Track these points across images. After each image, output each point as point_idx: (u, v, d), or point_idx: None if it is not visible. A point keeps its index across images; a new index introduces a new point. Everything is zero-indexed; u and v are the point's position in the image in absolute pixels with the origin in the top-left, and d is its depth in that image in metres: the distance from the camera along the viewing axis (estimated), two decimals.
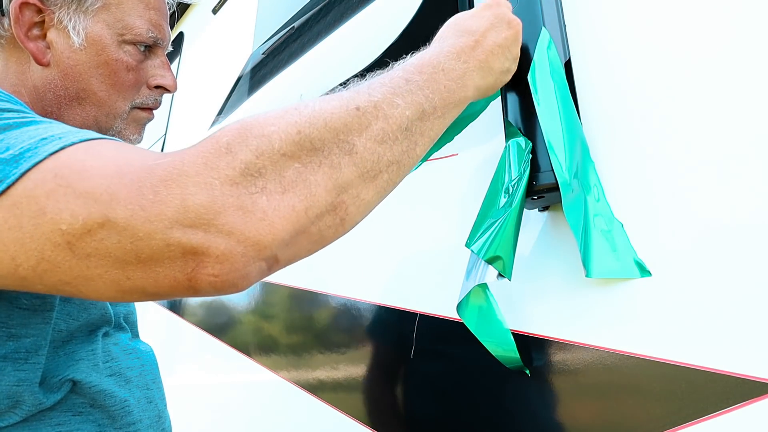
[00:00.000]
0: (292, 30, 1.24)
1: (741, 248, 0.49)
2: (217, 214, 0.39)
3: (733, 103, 0.52)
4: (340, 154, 0.44)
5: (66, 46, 0.65)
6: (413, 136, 0.49)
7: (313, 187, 0.43)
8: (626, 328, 0.56)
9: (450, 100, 0.53)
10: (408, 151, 0.49)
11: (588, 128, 0.64)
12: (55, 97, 0.66)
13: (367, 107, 0.47)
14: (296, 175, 0.42)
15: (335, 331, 1.01)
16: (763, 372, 0.46)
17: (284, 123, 0.43)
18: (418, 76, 0.52)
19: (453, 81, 0.54)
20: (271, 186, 0.41)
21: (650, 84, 0.59)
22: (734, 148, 0.52)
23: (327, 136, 0.44)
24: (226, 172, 0.40)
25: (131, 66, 0.69)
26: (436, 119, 0.52)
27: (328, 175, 0.43)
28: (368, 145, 0.46)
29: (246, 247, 0.40)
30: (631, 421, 0.54)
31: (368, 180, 0.46)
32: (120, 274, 0.40)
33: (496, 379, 0.68)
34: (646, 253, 0.56)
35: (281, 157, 0.42)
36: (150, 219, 0.39)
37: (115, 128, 0.71)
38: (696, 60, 0.56)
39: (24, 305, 0.55)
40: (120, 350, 0.67)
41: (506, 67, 0.61)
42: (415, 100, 0.50)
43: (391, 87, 0.50)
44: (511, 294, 0.68)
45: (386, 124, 0.47)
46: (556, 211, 0.65)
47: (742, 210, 0.50)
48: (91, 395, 0.60)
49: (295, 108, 0.45)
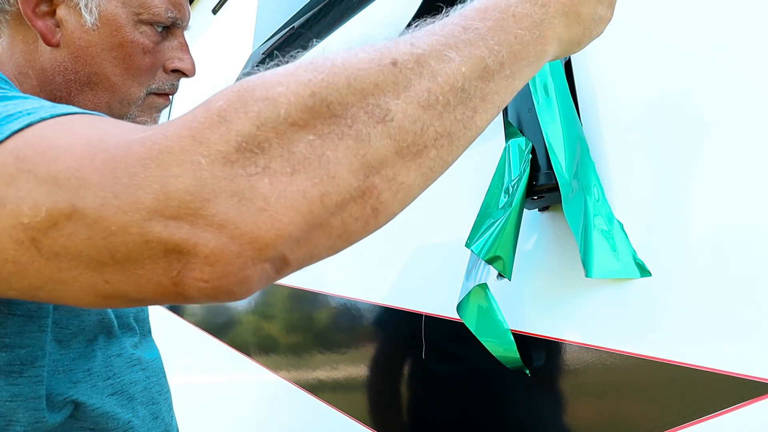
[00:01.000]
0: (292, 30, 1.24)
1: (741, 248, 0.49)
2: (205, 201, 0.31)
3: (733, 103, 0.52)
4: (370, 122, 0.35)
5: (77, 25, 0.60)
6: (471, 101, 0.38)
7: (332, 167, 0.33)
8: (626, 328, 0.56)
9: (522, 54, 0.41)
10: (464, 120, 0.38)
11: (588, 128, 0.64)
12: (65, 81, 0.61)
13: (407, 62, 0.37)
14: (309, 150, 0.33)
15: (335, 331, 1.01)
16: (763, 372, 0.46)
17: (295, 82, 0.34)
18: (480, 23, 0.40)
19: (527, 30, 0.42)
20: (276, 165, 0.33)
21: (650, 84, 0.59)
22: (734, 147, 0.52)
23: (351, 99, 0.35)
24: (218, 147, 0.32)
25: (148, 48, 0.64)
26: (503, 79, 0.40)
27: (354, 150, 0.34)
28: (408, 111, 0.36)
29: (242, 245, 0.32)
30: (631, 421, 0.54)
31: (409, 157, 0.36)
32: (97, 277, 0.34)
33: (495, 379, 0.68)
34: (646, 253, 0.56)
35: (290, 126, 0.33)
36: (124, 209, 0.32)
37: (129, 116, 0.66)
38: (696, 60, 0.56)
39: (18, 311, 0.49)
40: (123, 363, 0.62)
41: (599, 15, 0.48)
42: (475, 53, 0.39)
43: (443, 36, 0.39)
44: (511, 294, 0.68)
45: (433, 84, 0.37)
46: (556, 211, 0.65)
47: (742, 210, 0.50)
48: (92, 419, 0.55)
49: (311, 63, 0.35)
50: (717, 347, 0.49)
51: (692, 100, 0.55)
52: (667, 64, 0.58)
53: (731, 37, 0.54)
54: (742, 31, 0.53)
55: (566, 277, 0.62)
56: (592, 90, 0.65)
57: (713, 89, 0.54)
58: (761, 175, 0.49)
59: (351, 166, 0.34)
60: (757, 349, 0.47)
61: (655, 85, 0.59)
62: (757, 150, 0.50)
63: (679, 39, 0.58)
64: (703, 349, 0.50)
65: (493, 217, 0.62)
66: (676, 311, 0.52)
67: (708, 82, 0.55)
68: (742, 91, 0.52)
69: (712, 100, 0.54)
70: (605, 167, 0.61)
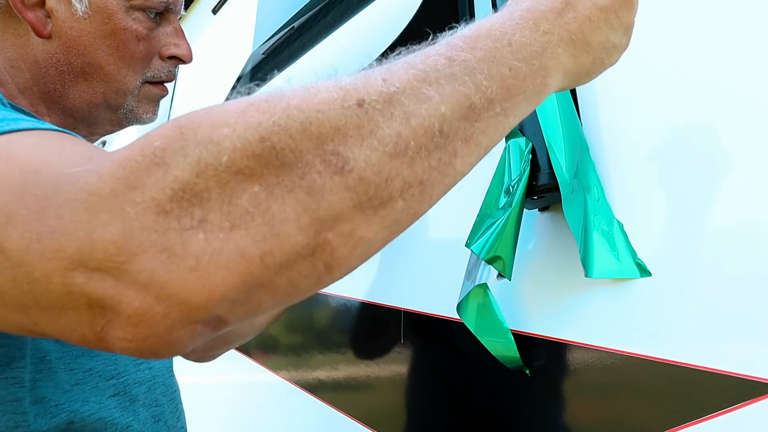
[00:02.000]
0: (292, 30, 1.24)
1: (741, 248, 0.49)
2: (132, 255, 0.28)
3: (734, 103, 0.52)
4: (326, 172, 0.30)
5: (68, 14, 0.59)
6: (451, 144, 0.34)
7: (277, 223, 0.29)
8: (626, 328, 0.56)
9: (518, 89, 0.36)
10: (440, 167, 0.34)
11: (588, 128, 0.64)
12: (59, 72, 0.60)
13: (375, 101, 0.32)
14: (253, 203, 0.29)
15: (335, 332, 1.01)
16: (763, 372, 0.46)
17: (243, 124, 0.30)
18: (468, 53, 0.35)
19: (524, 61, 0.37)
20: (214, 218, 0.29)
21: (650, 84, 0.59)
22: (734, 147, 0.52)
23: (305, 146, 0.30)
24: (152, 194, 0.29)
25: (142, 35, 0.62)
26: (491, 117, 0.35)
27: (304, 205, 0.30)
28: (372, 159, 0.31)
29: (168, 306, 0.29)
30: (631, 421, 0.54)
31: (370, 211, 0.32)
32: (25, 319, 0.31)
33: (495, 379, 0.68)
34: (646, 253, 0.56)
35: (233, 175, 0.29)
36: (47, 255, 0.29)
37: (126, 106, 0.65)
38: (696, 60, 0.56)
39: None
40: (129, 360, 0.60)
41: (612, 43, 0.43)
42: (459, 89, 0.34)
43: (423, 70, 0.34)
44: (511, 294, 0.68)
45: (405, 127, 0.32)
46: (556, 211, 0.65)
47: (742, 209, 0.50)
48: (89, 426, 0.53)
49: (265, 100, 0.31)
50: (717, 347, 0.49)
51: (692, 100, 0.55)
52: (667, 64, 0.58)
53: (732, 37, 0.54)
54: (743, 32, 0.53)
55: (566, 277, 0.62)
56: (592, 90, 0.65)
57: (713, 89, 0.54)
58: (761, 175, 0.49)
59: (299, 222, 0.30)
60: (757, 349, 0.47)
61: (656, 85, 0.59)
62: (757, 150, 0.50)
63: (680, 38, 0.58)
64: (703, 349, 0.50)
65: (493, 217, 0.62)
66: (676, 311, 0.52)
67: (708, 82, 0.55)
68: (743, 91, 0.52)
69: (713, 99, 0.54)
70: (605, 167, 0.61)
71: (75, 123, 0.65)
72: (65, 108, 0.64)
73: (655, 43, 0.60)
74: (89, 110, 0.64)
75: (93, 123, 0.67)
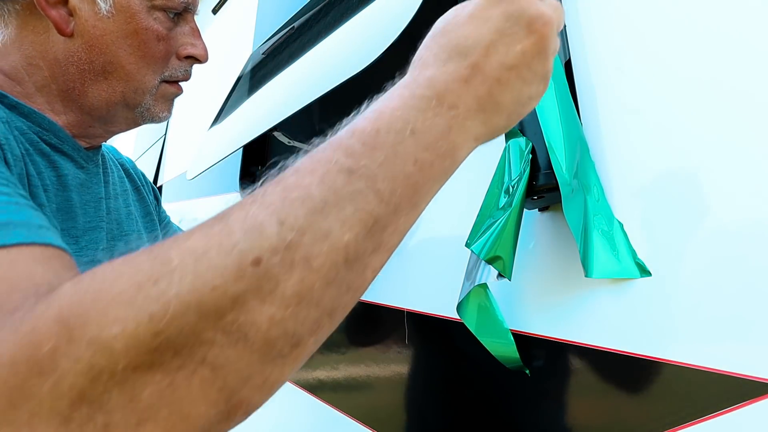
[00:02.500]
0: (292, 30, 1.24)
1: (741, 248, 0.49)
2: None
3: (734, 103, 0.52)
4: (228, 343, 0.29)
5: (91, 13, 0.59)
6: (360, 262, 0.33)
7: (185, 406, 0.28)
8: (626, 328, 0.56)
9: (425, 179, 0.35)
10: (351, 287, 0.33)
11: (588, 128, 0.64)
12: (79, 71, 0.61)
13: (272, 257, 0.30)
14: (157, 395, 0.28)
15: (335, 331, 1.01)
16: (763, 372, 0.46)
17: (134, 320, 0.28)
18: (368, 159, 0.33)
19: (430, 149, 0.35)
20: (118, 418, 0.27)
21: (650, 84, 0.59)
22: (734, 147, 0.52)
23: (202, 326, 0.28)
24: (50, 404, 0.27)
25: (162, 35, 0.63)
26: (401, 218, 0.35)
27: (210, 382, 0.29)
28: (277, 316, 0.30)
29: None
30: (631, 421, 0.54)
31: (279, 360, 0.31)
32: None
33: (495, 379, 0.68)
34: (646, 253, 0.56)
35: (131, 373, 0.27)
36: None
37: (144, 105, 0.66)
38: (696, 60, 0.56)
39: None
40: None
41: (528, 95, 0.40)
42: (361, 208, 0.32)
43: (321, 198, 0.31)
44: (511, 294, 0.68)
45: (307, 272, 0.30)
46: (556, 211, 0.65)
47: (743, 209, 0.50)
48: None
49: (155, 281, 0.29)
50: (717, 347, 0.49)
51: (693, 100, 0.55)
52: (667, 64, 0.58)
53: (732, 37, 0.54)
54: (743, 32, 0.53)
55: (566, 277, 0.62)
56: (592, 90, 0.65)
57: (714, 89, 0.54)
58: (761, 175, 0.49)
59: (208, 399, 0.29)
60: (757, 349, 0.47)
61: (656, 85, 0.59)
62: (757, 149, 0.50)
63: (680, 39, 0.58)
64: (703, 349, 0.50)
65: (493, 217, 0.62)
66: (676, 311, 0.52)
67: (708, 82, 0.55)
68: (743, 91, 0.52)
69: (713, 99, 0.54)
70: (605, 167, 0.61)
71: (92, 121, 0.66)
72: (83, 106, 0.64)
73: (655, 43, 0.60)
74: (107, 109, 0.65)
75: (109, 121, 0.67)
